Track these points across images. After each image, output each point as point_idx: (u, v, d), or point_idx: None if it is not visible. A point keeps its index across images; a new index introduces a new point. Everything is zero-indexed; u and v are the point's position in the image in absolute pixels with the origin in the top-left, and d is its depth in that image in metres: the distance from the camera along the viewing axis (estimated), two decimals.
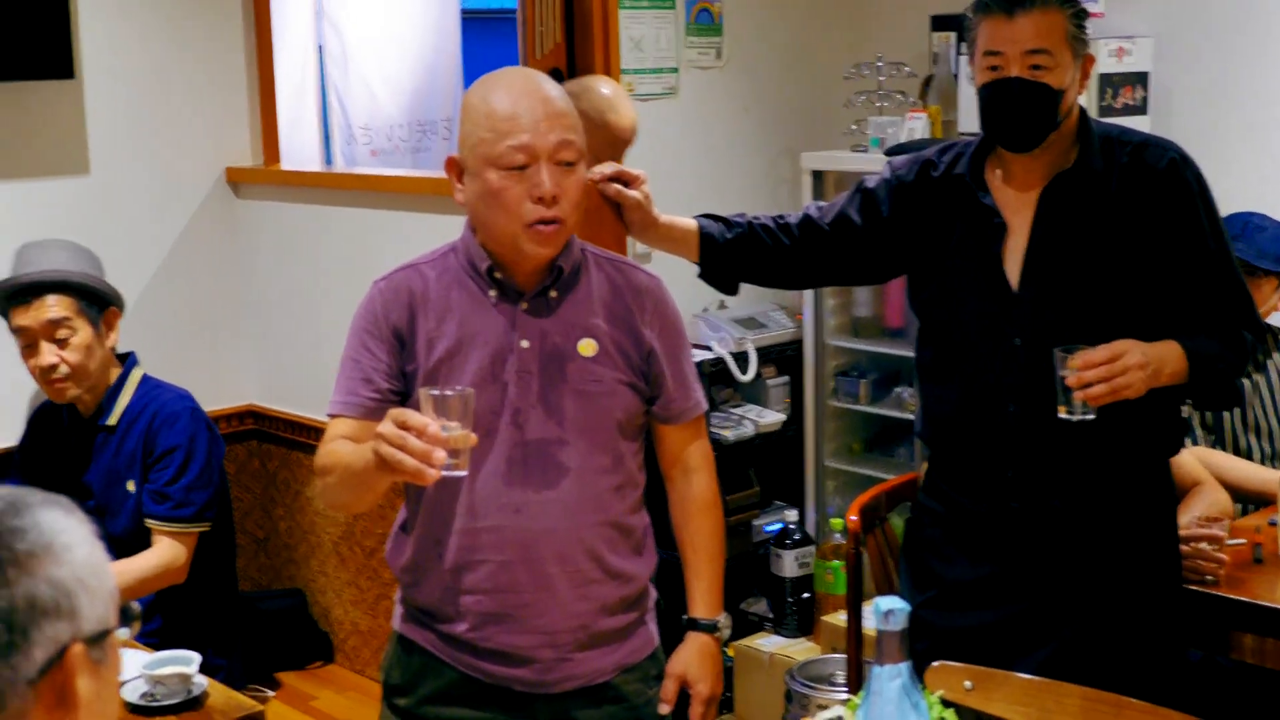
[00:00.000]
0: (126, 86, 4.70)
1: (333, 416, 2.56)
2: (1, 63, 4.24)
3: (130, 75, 4.71)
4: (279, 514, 5.18)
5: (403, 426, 2.17)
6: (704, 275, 3.00)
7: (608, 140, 3.58)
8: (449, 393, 2.24)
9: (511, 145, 2.40)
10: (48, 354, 3.77)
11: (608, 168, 2.79)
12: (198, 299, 4.99)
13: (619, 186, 2.78)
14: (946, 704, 2.15)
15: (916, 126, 4.63)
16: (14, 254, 3.90)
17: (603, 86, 3.72)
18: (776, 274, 3.04)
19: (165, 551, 3.78)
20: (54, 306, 3.77)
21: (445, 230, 2.73)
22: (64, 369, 3.78)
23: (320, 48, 6.12)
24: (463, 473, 2.25)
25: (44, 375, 3.81)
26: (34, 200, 4.48)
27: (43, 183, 4.52)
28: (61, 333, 3.77)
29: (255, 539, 5.22)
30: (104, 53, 4.62)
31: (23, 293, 3.79)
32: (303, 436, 4.97)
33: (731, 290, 3.04)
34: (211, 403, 4.51)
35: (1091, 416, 2.57)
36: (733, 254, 2.94)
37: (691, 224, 2.93)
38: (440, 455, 2.16)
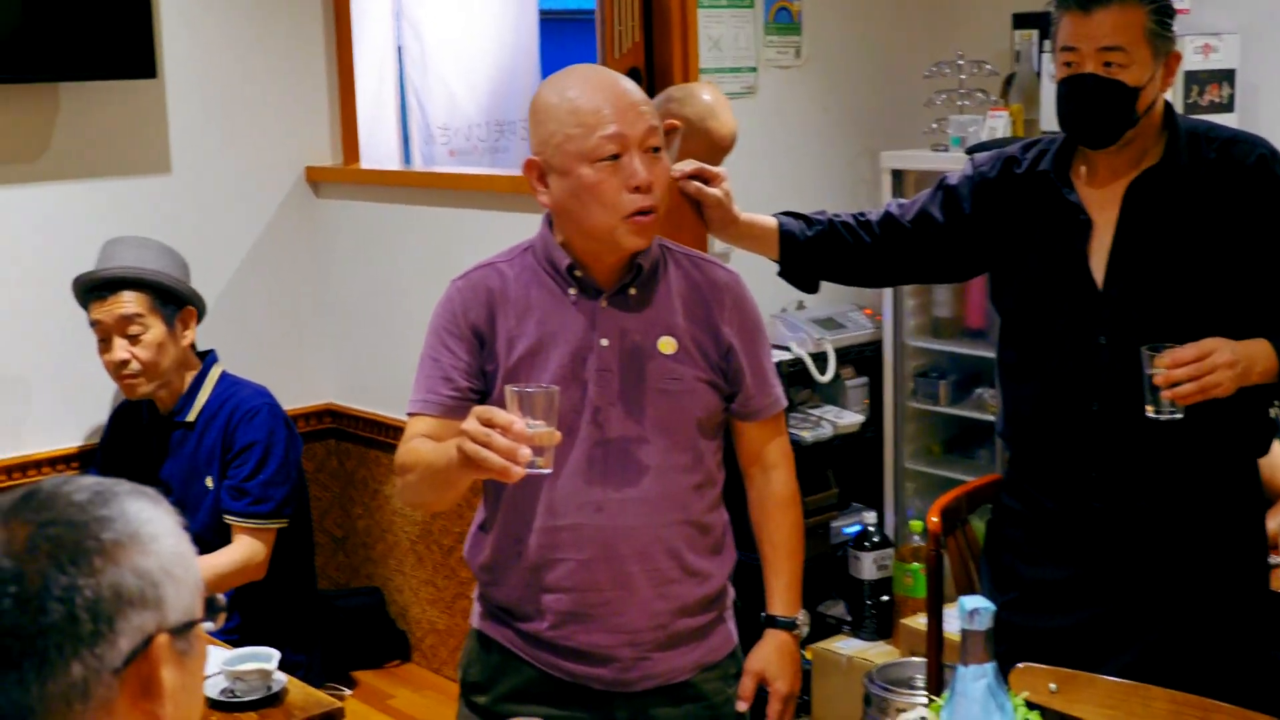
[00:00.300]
0: (208, 86, 4.72)
1: (412, 415, 2.56)
2: (84, 62, 4.28)
3: (211, 75, 4.73)
4: (357, 513, 5.20)
5: (488, 424, 2.16)
6: (784, 273, 2.98)
7: (708, 146, 3.59)
8: (534, 390, 2.23)
9: (603, 136, 2.39)
10: (119, 349, 3.82)
11: (688, 165, 2.78)
12: (277, 297, 5.01)
13: (699, 184, 2.77)
14: (1031, 706, 2.13)
15: (998, 125, 4.58)
16: (99, 250, 3.95)
17: (704, 93, 3.73)
18: (857, 272, 3.02)
19: (244, 548, 3.81)
20: (128, 303, 3.81)
21: (523, 229, 2.72)
22: (135, 365, 3.83)
23: (400, 48, 6.14)
24: (547, 470, 2.24)
25: (116, 370, 3.86)
26: (117, 199, 4.52)
27: (125, 181, 4.56)
28: (134, 329, 3.82)
29: (333, 537, 5.24)
30: (185, 52, 4.65)
31: (100, 288, 3.85)
32: (381, 435, 4.98)
33: (812, 289, 3.02)
34: (290, 401, 4.53)
35: (1179, 416, 2.54)
36: (813, 252, 2.92)
37: (771, 222, 2.91)
38: (525, 453, 2.15)
